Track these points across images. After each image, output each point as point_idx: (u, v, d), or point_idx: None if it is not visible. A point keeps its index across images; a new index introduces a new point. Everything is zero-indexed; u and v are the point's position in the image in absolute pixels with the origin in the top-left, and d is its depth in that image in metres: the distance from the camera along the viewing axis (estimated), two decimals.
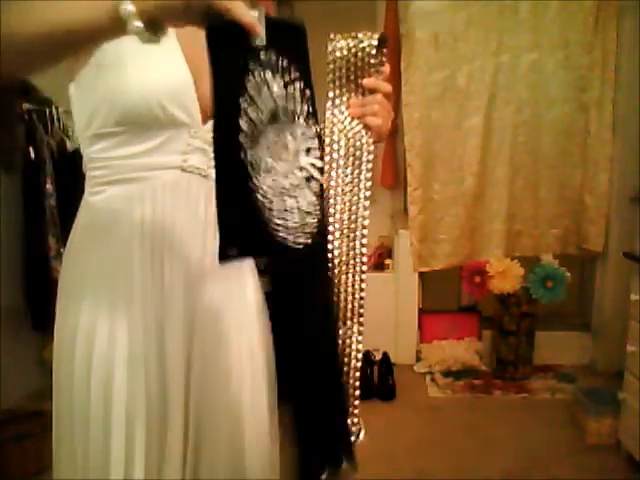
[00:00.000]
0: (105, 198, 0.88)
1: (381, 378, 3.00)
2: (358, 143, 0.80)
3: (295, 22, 0.63)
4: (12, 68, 0.70)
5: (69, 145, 2.57)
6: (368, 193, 0.80)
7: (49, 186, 2.44)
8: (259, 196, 0.59)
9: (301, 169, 0.63)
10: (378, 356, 3.10)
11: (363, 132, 0.79)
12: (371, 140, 0.80)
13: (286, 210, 0.61)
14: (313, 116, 0.64)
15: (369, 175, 0.80)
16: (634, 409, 2.20)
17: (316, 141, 0.64)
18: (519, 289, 3.02)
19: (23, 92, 2.38)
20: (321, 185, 0.67)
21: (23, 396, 2.53)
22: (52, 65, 0.71)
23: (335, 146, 0.78)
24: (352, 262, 0.79)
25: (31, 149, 2.44)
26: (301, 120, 0.62)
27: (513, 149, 3.06)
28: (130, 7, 0.60)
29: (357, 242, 0.80)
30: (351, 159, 0.79)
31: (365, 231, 0.82)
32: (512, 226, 3.14)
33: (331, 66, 0.75)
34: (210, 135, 0.72)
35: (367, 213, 0.81)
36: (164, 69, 0.81)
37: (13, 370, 2.47)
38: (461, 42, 2.97)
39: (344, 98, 0.78)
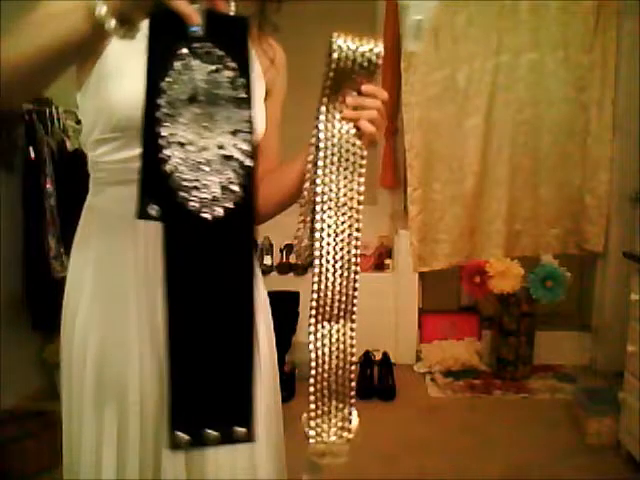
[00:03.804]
0: (104, 198, 0.94)
1: (381, 378, 3.01)
2: (351, 147, 0.80)
3: (238, 16, 0.69)
4: (16, 95, 0.76)
5: (69, 145, 2.58)
6: (361, 197, 0.80)
7: (49, 186, 2.44)
8: (169, 167, 0.67)
9: (220, 147, 0.69)
10: (378, 356, 3.11)
11: (356, 136, 0.80)
12: (364, 145, 0.81)
13: (198, 182, 0.68)
14: (246, 102, 0.70)
15: (361, 180, 0.80)
16: (634, 409, 2.20)
17: (246, 124, 0.70)
18: (519, 289, 3.02)
19: None
20: (247, 166, 0.70)
21: (23, 396, 2.54)
22: (52, 81, 0.75)
23: (328, 150, 0.80)
24: (344, 263, 0.80)
25: (31, 149, 2.45)
26: (229, 105, 0.69)
27: (513, 149, 3.07)
28: (104, 8, 0.65)
29: (351, 245, 0.81)
30: (343, 163, 0.80)
31: (358, 233, 0.82)
32: (512, 226, 3.14)
33: (333, 65, 0.75)
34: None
35: (360, 216, 0.81)
36: None
37: (13, 370, 2.48)
38: (461, 42, 2.97)
39: (338, 100, 0.79)
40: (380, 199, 3.61)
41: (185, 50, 0.66)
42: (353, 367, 0.83)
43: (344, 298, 0.81)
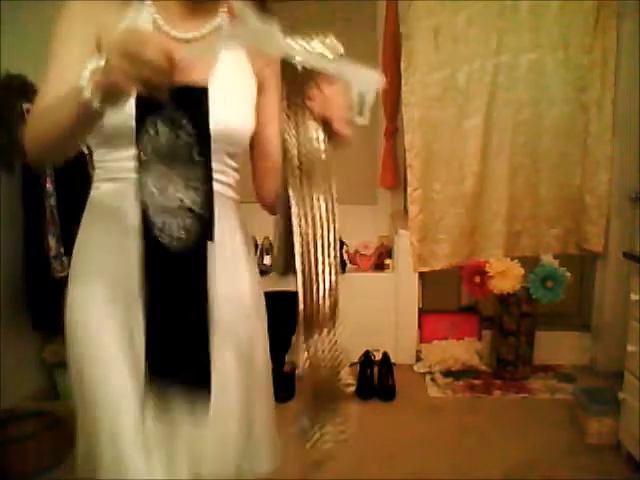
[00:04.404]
0: (100, 193, 1.05)
1: (381, 378, 3.00)
2: (317, 155, 0.86)
3: (198, 87, 0.84)
4: (48, 160, 1.13)
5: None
6: (330, 205, 0.87)
7: (49, 186, 2.44)
8: (149, 211, 0.87)
9: (180, 199, 0.86)
10: (378, 356, 3.10)
11: (321, 140, 0.86)
12: (335, 147, 0.88)
13: (163, 224, 0.87)
14: (201, 163, 0.86)
15: (333, 186, 0.83)
16: (634, 409, 2.20)
17: (200, 182, 0.87)
18: (519, 289, 3.02)
19: (23, 92, 2.38)
20: (199, 214, 0.88)
21: (23, 396, 2.54)
22: (75, 146, 0.96)
23: (294, 160, 0.86)
24: (319, 273, 0.88)
25: None
26: (187, 164, 0.85)
27: (513, 149, 3.07)
28: (87, 93, 0.81)
29: (325, 253, 0.85)
30: (313, 171, 0.83)
31: (334, 243, 0.91)
32: (512, 226, 3.14)
33: (287, 71, 0.78)
34: None
35: (337, 225, 0.87)
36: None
37: (13, 370, 2.48)
38: (461, 42, 2.97)
39: (301, 105, 0.85)
40: (380, 199, 3.61)
41: (155, 117, 0.83)
42: (345, 370, 0.85)
43: (327, 307, 0.87)
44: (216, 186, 0.99)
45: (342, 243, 3.29)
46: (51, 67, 0.98)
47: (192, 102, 0.82)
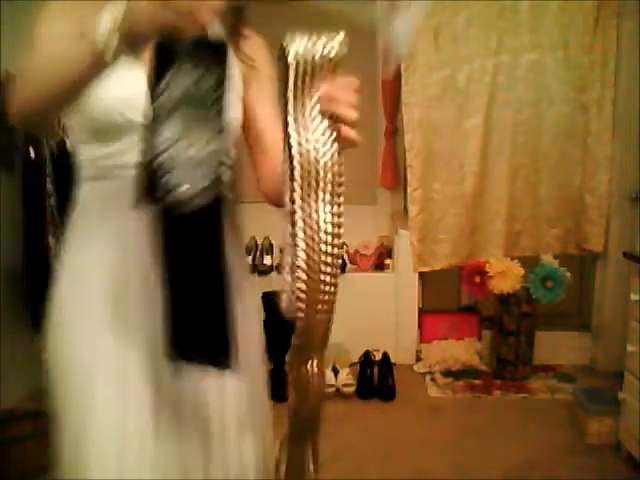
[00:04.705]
0: (86, 192, 1.01)
1: (381, 378, 3.00)
2: (324, 157, 0.77)
3: (217, 39, 0.81)
4: (36, 121, 0.92)
5: (69, 145, 2.57)
6: (336, 209, 0.78)
7: (49, 186, 2.44)
8: (161, 163, 0.80)
9: (200, 149, 0.81)
10: (378, 356, 3.10)
11: (329, 143, 0.77)
12: (338, 151, 0.79)
13: (182, 178, 0.81)
14: (218, 113, 0.82)
15: (339, 190, 0.78)
16: (634, 409, 2.20)
17: (223, 130, 0.82)
18: (519, 289, 3.02)
19: None
20: (223, 165, 0.83)
21: (23, 396, 2.54)
22: (70, 103, 0.87)
23: (296, 164, 0.76)
24: (318, 295, 0.80)
25: (31, 149, 2.44)
26: (208, 112, 0.82)
27: (513, 149, 3.07)
28: (110, 39, 0.74)
29: (327, 270, 0.79)
30: (314, 175, 0.77)
31: (336, 258, 0.80)
32: (512, 226, 3.14)
33: (292, 73, 0.75)
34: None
35: (340, 241, 0.79)
36: (123, 83, 0.91)
37: (13, 370, 2.48)
38: (461, 42, 2.97)
39: (305, 105, 0.78)
40: (380, 199, 3.61)
41: (175, 65, 0.79)
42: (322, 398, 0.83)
43: (320, 334, 0.83)
44: None
45: (342, 243, 3.28)
46: (41, 29, 0.94)
47: (212, 53, 0.80)
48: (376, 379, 3.01)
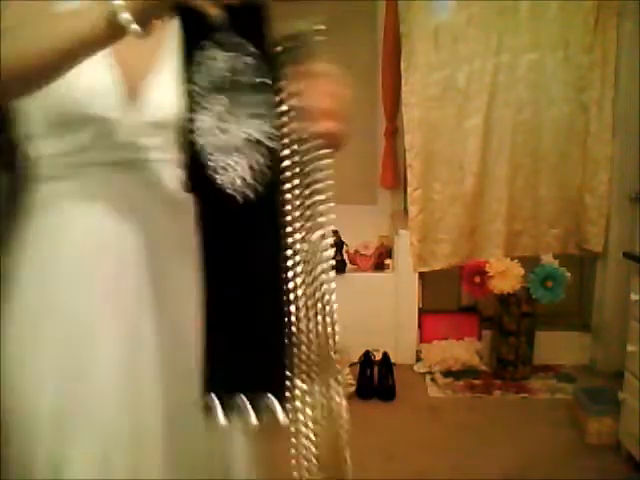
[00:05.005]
0: (46, 197, 0.88)
1: (381, 378, 3.00)
2: (306, 156, 0.74)
3: (255, 3, 0.70)
4: (17, 90, 0.76)
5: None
6: (324, 219, 0.75)
7: None
8: (198, 149, 0.70)
9: (246, 131, 0.71)
10: (378, 356, 3.10)
11: (309, 142, 0.74)
12: (322, 147, 0.75)
13: (227, 165, 0.71)
14: (267, 87, 0.71)
15: (323, 197, 0.75)
16: (634, 409, 2.20)
17: (269, 109, 0.71)
18: (519, 289, 3.02)
19: None
20: (272, 149, 0.72)
21: None
22: (58, 77, 0.74)
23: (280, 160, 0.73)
24: (316, 303, 0.76)
25: None
26: (252, 90, 0.71)
27: (513, 149, 3.06)
28: (126, 15, 0.66)
29: (321, 287, 0.76)
30: (298, 176, 0.74)
31: (328, 273, 0.77)
32: (512, 226, 3.14)
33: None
34: (145, 127, 0.86)
35: (329, 253, 0.76)
36: (87, 71, 0.80)
37: None
38: (461, 42, 2.97)
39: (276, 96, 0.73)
40: (380, 199, 3.61)
41: (207, 41, 0.69)
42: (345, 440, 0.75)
43: (315, 347, 0.76)
44: (174, 178, 0.88)
45: (342, 243, 3.29)
46: None
47: (250, 19, 0.70)
48: (376, 379, 3.01)
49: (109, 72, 0.83)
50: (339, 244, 3.28)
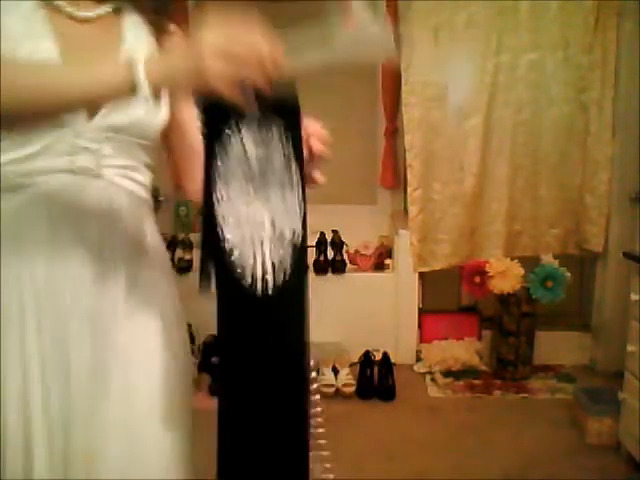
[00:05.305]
0: None
1: (381, 378, 3.00)
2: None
3: (289, 97, 0.70)
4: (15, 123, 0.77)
5: None
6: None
7: None
8: (226, 243, 0.69)
9: (272, 225, 0.70)
10: (378, 356, 3.10)
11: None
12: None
13: (251, 258, 0.69)
14: (297, 184, 0.71)
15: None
16: (634, 409, 2.20)
17: (297, 205, 0.71)
18: (519, 289, 3.02)
19: None
20: (298, 245, 0.72)
21: None
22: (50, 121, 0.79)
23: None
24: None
25: None
26: (282, 185, 0.70)
27: (513, 149, 3.07)
28: (145, 85, 0.69)
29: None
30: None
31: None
32: (512, 226, 3.15)
33: None
34: (97, 133, 0.84)
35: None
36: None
37: None
38: (461, 42, 2.97)
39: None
40: (380, 199, 3.60)
41: (238, 131, 0.70)
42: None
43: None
44: (132, 186, 0.91)
45: (342, 243, 3.29)
46: None
47: (286, 112, 0.70)
48: (376, 379, 3.01)
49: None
50: (339, 244, 3.28)
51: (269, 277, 0.69)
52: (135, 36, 0.92)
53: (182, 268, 3.08)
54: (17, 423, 0.83)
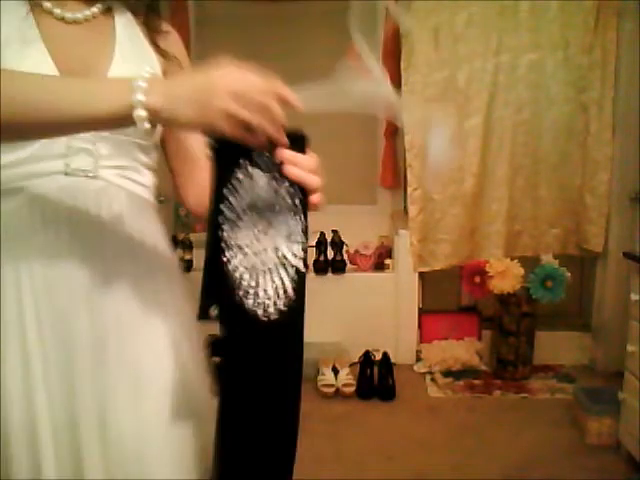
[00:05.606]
0: None
1: (381, 378, 3.00)
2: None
3: (296, 131, 0.73)
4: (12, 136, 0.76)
5: None
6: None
7: None
8: (230, 269, 0.72)
9: (276, 252, 0.74)
10: (378, 356, 3.10)
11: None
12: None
13: (254, 284, 0.73)
14: (300, 212, 0.75)
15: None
16: (634, 409, 2.20)
17: (300, 233, 0.75)
18: (519, 289, 3.02)
19: None
20: (300, 272, 0.75)
21: None
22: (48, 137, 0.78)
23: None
24: None
25: None
26: (286, 213, 0.74)
27: (513, 149, 3.07)
28: (143, 113, 0.69)
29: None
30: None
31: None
32: (512, 226, 3.15)
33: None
34: (92, 132, 0.83)
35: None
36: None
37: None
38: (461, 42, 2.97)
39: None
40: (380, 199, 3.61)
41: (246, 161, 0.73)
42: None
43: None
44: (132, 186, 0.90)
45: (342, 243, 3.29)
46: None
47: (293, 142, 0.73)
48: (376, 379, 3.01)
49: (54, 74, 0.82)
50: (339, 244, 3.28)
51: (271, 302, 0.73)
52: (128, 36, 0.91)
53: (182, 268, 3.08)
54: (21, 424, 0.82)
